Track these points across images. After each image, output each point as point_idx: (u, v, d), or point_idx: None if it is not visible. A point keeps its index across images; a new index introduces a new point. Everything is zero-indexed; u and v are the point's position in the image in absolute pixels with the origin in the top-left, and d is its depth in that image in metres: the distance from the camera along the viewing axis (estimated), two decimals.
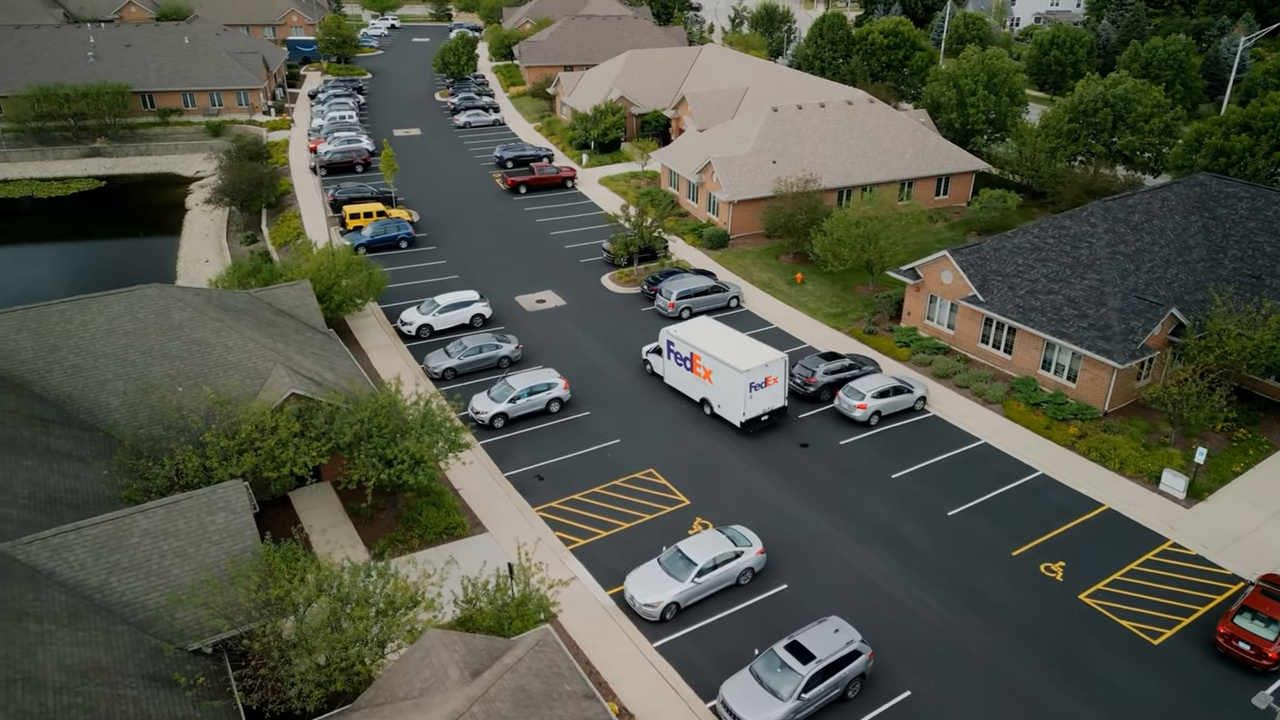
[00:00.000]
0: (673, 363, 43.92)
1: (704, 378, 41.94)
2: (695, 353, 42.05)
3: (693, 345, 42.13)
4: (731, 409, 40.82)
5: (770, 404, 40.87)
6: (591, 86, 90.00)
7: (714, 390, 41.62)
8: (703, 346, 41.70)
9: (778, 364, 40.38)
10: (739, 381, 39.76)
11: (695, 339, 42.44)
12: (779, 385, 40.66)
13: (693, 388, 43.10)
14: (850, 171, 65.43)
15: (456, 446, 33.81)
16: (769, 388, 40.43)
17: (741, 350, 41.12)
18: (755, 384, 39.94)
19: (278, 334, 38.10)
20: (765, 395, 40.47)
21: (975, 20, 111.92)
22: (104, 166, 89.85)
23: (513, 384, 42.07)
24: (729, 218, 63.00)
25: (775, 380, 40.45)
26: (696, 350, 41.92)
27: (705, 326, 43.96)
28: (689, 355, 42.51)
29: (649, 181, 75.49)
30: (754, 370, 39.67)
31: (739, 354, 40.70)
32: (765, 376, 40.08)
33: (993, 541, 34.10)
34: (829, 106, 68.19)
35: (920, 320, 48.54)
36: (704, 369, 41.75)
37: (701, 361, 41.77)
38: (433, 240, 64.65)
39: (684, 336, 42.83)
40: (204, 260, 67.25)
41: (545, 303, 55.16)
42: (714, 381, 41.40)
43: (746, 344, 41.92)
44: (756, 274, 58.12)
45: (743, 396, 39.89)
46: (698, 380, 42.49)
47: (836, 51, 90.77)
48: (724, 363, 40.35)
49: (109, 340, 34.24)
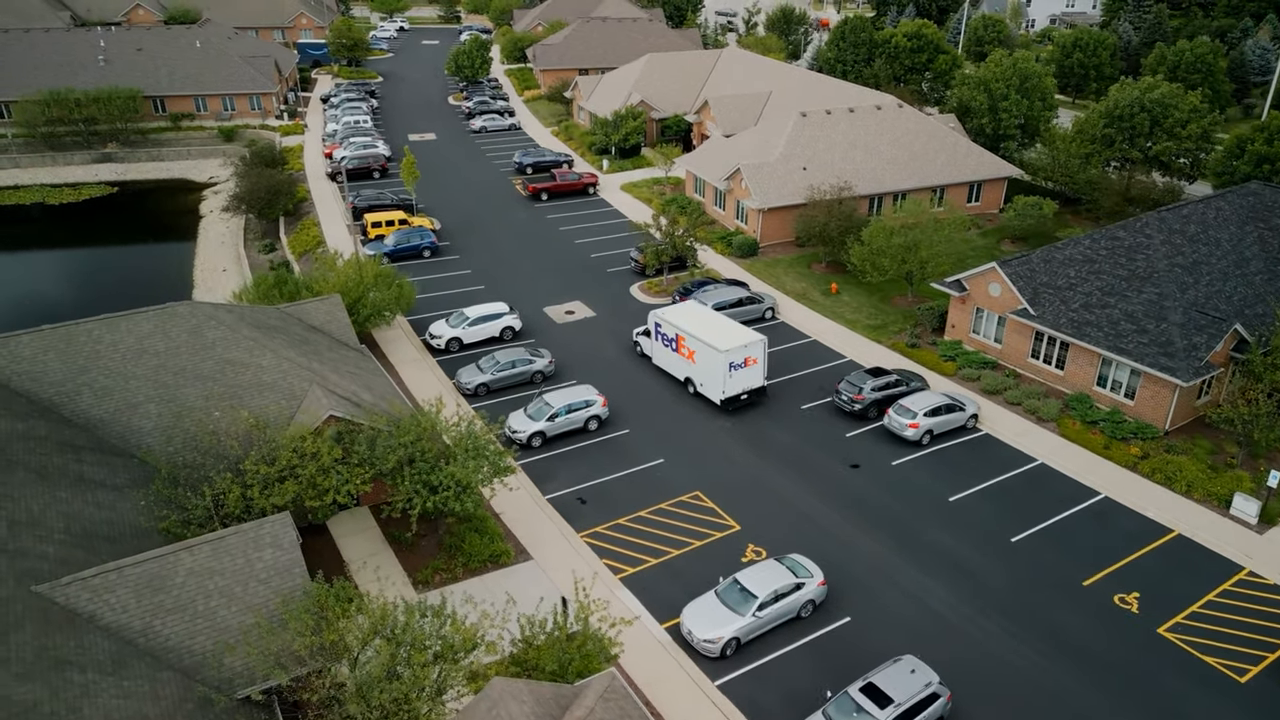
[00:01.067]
0: (660, 344, 45.91)
1: (688, 358, 43.97)
2: (680, 334, 43.97)
3: (678, 327, 44.06)
4: (712, 387, 42.84)
5: (749, 383, 42.79)
6: (610, 90, 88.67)
7: (697, 370, 43.64)
8: (687, 328, 43.66)
9: (757, 346, 42.30)
10: (719, 361, 41.75)
11: (680, 321, 44.40)
12: (758, 366, 42.67)
13: (678, 368, 45.04)
14: (881, 178, 64.05)
15: (501, 471, 32.46)
16: (748, 368, 42.39)
17: (723, 332, 43.15)
18: (735, 364, 41.91)
19: (311, 352, 36.76)
20: (745, 375, 42.46)
21: (995, 22, 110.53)
22: (115, 172, 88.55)
23: (550, 402, 40.70)
24: (758, 226, 61.64)
25: (755, 361, 42.44)
26: (681, 332, 43.83)
27: (691, 310, 45.88)
28: (674, 337, 44.44)
29: (672, 188, 74.13)
30: (733, 350, 41.60)
31: (720, 335, 42.70)
32: (745, 357, 42.08)
33: (1062, 570, 32.71)
34: (858, 111, 66.82)
35: (965, 333, 47.16)
36: (688, 350, 43.75)
37: (686, 342, 43.74)
38: (456, 249, 63.31)
39: (670, 319, 44.85)
40: (221, 269, 65.97)
41: (574, 314, 53.82)
42: (697, 361, 43.45)
43: (728, 326, 43.97)
44: (790, 284, 56.74)
45: (723, 375, 41.95)
46: (682, 360, 44.49)
47: (859, 55, 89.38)
48: (706, 343, 42.27)
49: (140, 361, 32.89)
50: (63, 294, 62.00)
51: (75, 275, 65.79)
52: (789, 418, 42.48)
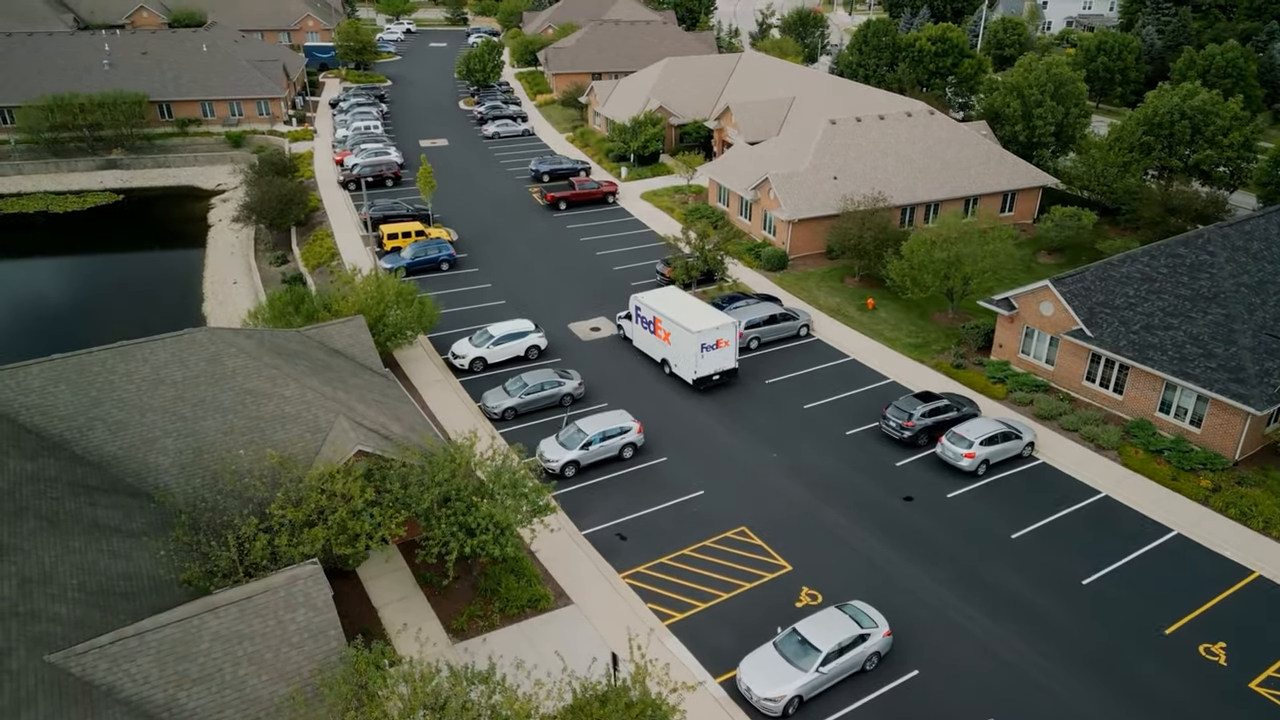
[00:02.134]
0: (639, 327, 47.77)
1: (664, 340, 45.77)
2: (657, 316, 45.79)
3: (655, 310, 45.89)
4: (685, 368, 44.53)
5: (721, 365, 44.50)
6: (627, 96, 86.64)
7: (671, 351, 45.34)
8: (663, 311, 45.46)
9: (728, 328, 44.01)
10: (692, 342, 43.45)
11: (657, 305, 46.18)
12: (730, 348, 44.35)
13: (655, 349, 46.88)
14: (914, 188, 62.02)
15: (540, 510, 30.44)
16: (720, 349, 44.12)
17: (696, 314, 44.92)
18: (707, 345, 43.64)
19: (335, 379, 34.74)
20: (716, 356, 44.18)
21: (1014, 25, 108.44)
22: (120, 179, 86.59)
23: (584, 429, 38.67)
24: (788, 237, 59.59)
25: (726, 343, 44.14)
26: (658, 314, 45.68)
27: (669, 294, 47.74)
28: (652, 319, 46.33)
29: (695, 197, 72.11)
30: (705, 332, 43.30)
31: (693, 317, 44.47)
32: (716, 339, 43.78)
33: (1140, 616, 30.66)
34: (889, 119, 64.79)
35: (1014, 354, 45.12)
36: (664, 332, 45.57)
37: (662, 325, 45.57)
38: (474, 261, 61.28)
39: (648, 302, 46.67)
40: (232, 281, 63.98)
41: (600, 331, 51.78)
42: (671, 343, 45.16)
43: (702, 309, 45.60)
44: (823, 299, 54.69)
45: (695, 356, 43.66)
46: (659, 342, 46.29)
47: (882, 59, 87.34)
48: (679, 325, 44.02)
49: (156, 392, 30.87)
50: (67, 307, 60.00)
51: (81, 287, 63.76)
52: (835, 444, 40.44)
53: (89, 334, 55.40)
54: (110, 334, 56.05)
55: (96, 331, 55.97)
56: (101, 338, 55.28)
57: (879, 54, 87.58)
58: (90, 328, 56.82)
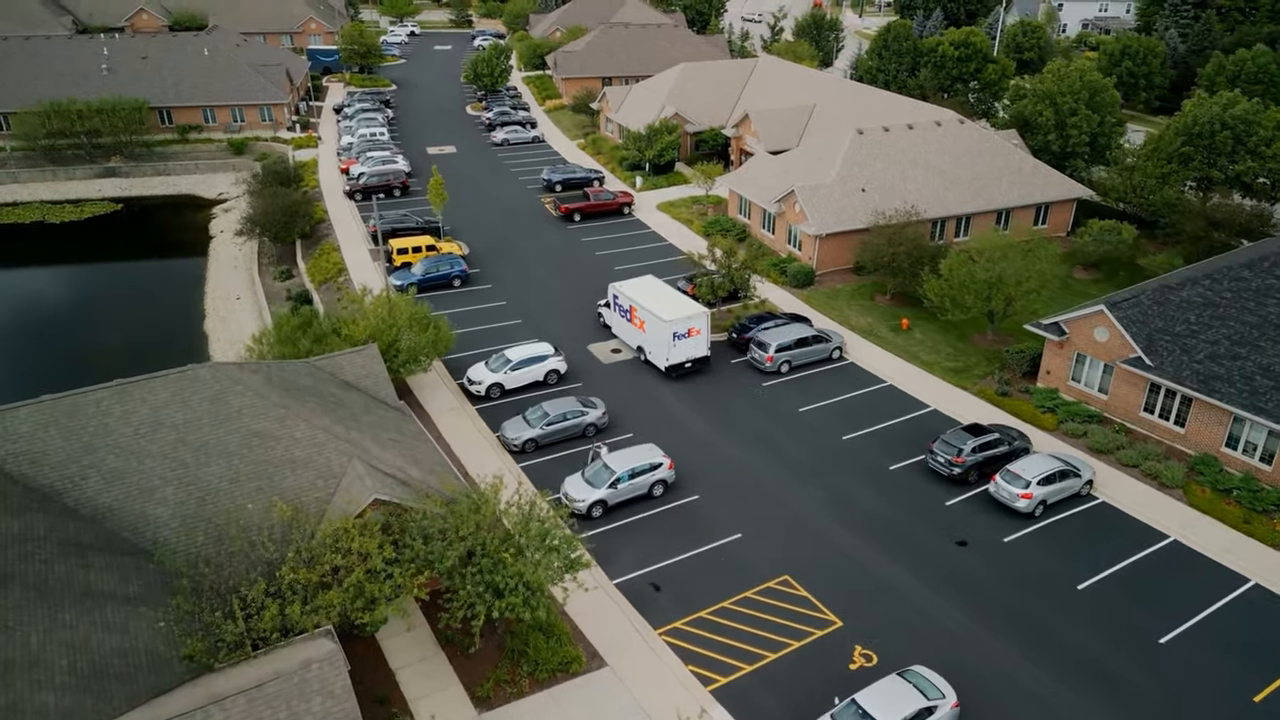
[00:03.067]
0: (617, 315, 49.01)
1: (639, 328, 46.93)
2: (633, 305, 46.89)
3: (631, 299, 47.00)
4: (658, 355, 45.72)
5: (693, 353, 45.64)
6: (640, 102, 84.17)
7: (646, 338, 46.51)
8: (638, 299, 46.56)
9: (700, 317, 45.14)
10: (664, 330, 44.56)
11: (634, 293, 47.31)
12: (702, 336, 45.45)
13: (631, 336, 48.04)
14: (945, 200, 59.55)
15: (573, 566, 27.98)
16: (692, 338, 45.21)
17: (669, 303, 46.03)
18: (679, 333, 44.74)
19: (348, 416, 32.29)
20: (688, 344, 45.29)
21: (1034, 29, 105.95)
22: (119, 188, 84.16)
23: (612, 465, 36.20)
24: (814, 252, 57.13)
25: (698, 332, 45.24)
26: (634, 303, 46.74)
27: (646, 283, 48.84)
28: (629, 307, 47.48)
29: (713, 208, 69.63)
30: (677, 321, 44.45)
31: (666, 306, 45.66)
32: (688, 327, 44.92)
33: (1226, 680, 28.19)
34: (918, 128, 62.32)
35: (1063, 381, 42.65)
36: (639, 320, 46.70)
37: (637, 313, 46.69)
38: (486, 276, 58.81)
39: (626, 291, 47.76)
40: (235, 297, 61.56)
41: (621, 353, 49.31)
42: (646, 331, 46.27)
43: (676, 299, 46.72)
44: (854, 318, 52.23)
45: (667, 344, 44.74)
46: (635, 330, 47.45)
47: (902, 64, 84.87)
48: (653, 313, 45.18)
49: (155, 436, 28.42)
50: (60, 326, 57.50)
51: (76, 304, 61.24)
52: (878, 480, 37.97)
53: (82, 358, 53.02)
54: (106, 357, 54.33)
55: (91, 355, 53.64)
56: (96, 362, 53.44)
57: (900, 59, 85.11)
58: (85, 350, 54.48)
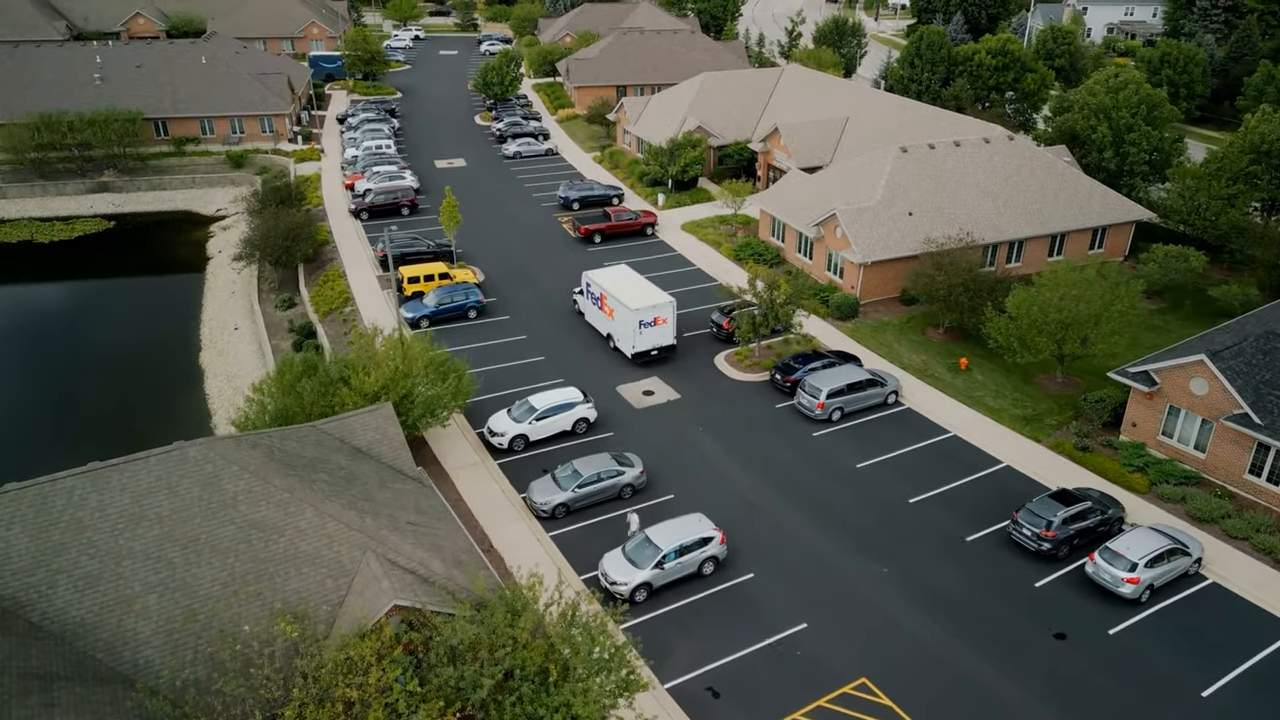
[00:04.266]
0: (589, 302, 50.00)
1: (608, 315, 47.90)
2: (603, 293, 47.79)
3: (602, 286, 47.96)
4: (625, 342, 46.79)
5: (659, 341, 46.58)
6: (661, 113, 79.99)
7: (614, 326, 47.56)
8: (608, 288, 47.48)
9: (666, 307, 46.05)
10: (630, 318, 45.52)
11: (604, 281, 48.29)
12: (668, 326, 46.37)
13: (602, 324, 49.08)
14: (998, 224, 55.37)
15: (629, 688, 23.78)
16: (658, 327, 46.12)
17: (637, 292, 46.96)
18: (644, 322, 45.64)
19: (360, 494, 28.13)
20: (654, 333, 46.21)
21: (1065, 34, 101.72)
22: (112, 204, 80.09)
23: (657, 541, 32.00)
24: (858, 281, 52.96)
25: (664, 321, 46.13)
26: (604, 291, 47.69)
27: (618, 272, 49.87)
28: (599, 295, 48.38)
29: (742, 229, 65.47)
30: (643, 310, 45.41)
31: (633, 295, 46.49)
32: (654, 316, 45.79)
33: None
34: (965, 145, 58.12)
35: (1151, 435, 38.45)
36: (609, 308, 47.54)
37: (607, 301, 47.53)
38: (504, 305, 54.63)
39: (597, 279, 48.78)
40: (233, 327, 57.45)
41: (654, 395, 45.18)
42: (614, 318, 47.25)
43: (644, 287, 47.64)
44: (906, 356, 48.04)
45: (633, 331, 45.73)
46: (604, 317, 48.44)
47: (936, 73, 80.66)
48: (620, 301, 46.03)
49: (137, 531, 24.24)
50: (43, 359, 53.34)
51: (62, 333, 57.00)
52: (955, 554, 33.78)
53: (65, 400, 48.76)
54: (91, 399, 49.78)
55: (75, 395, 49.37)
56: (80, 405, 48.95)
57: (933, 68, 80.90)
58: (68, 389, 50.27)
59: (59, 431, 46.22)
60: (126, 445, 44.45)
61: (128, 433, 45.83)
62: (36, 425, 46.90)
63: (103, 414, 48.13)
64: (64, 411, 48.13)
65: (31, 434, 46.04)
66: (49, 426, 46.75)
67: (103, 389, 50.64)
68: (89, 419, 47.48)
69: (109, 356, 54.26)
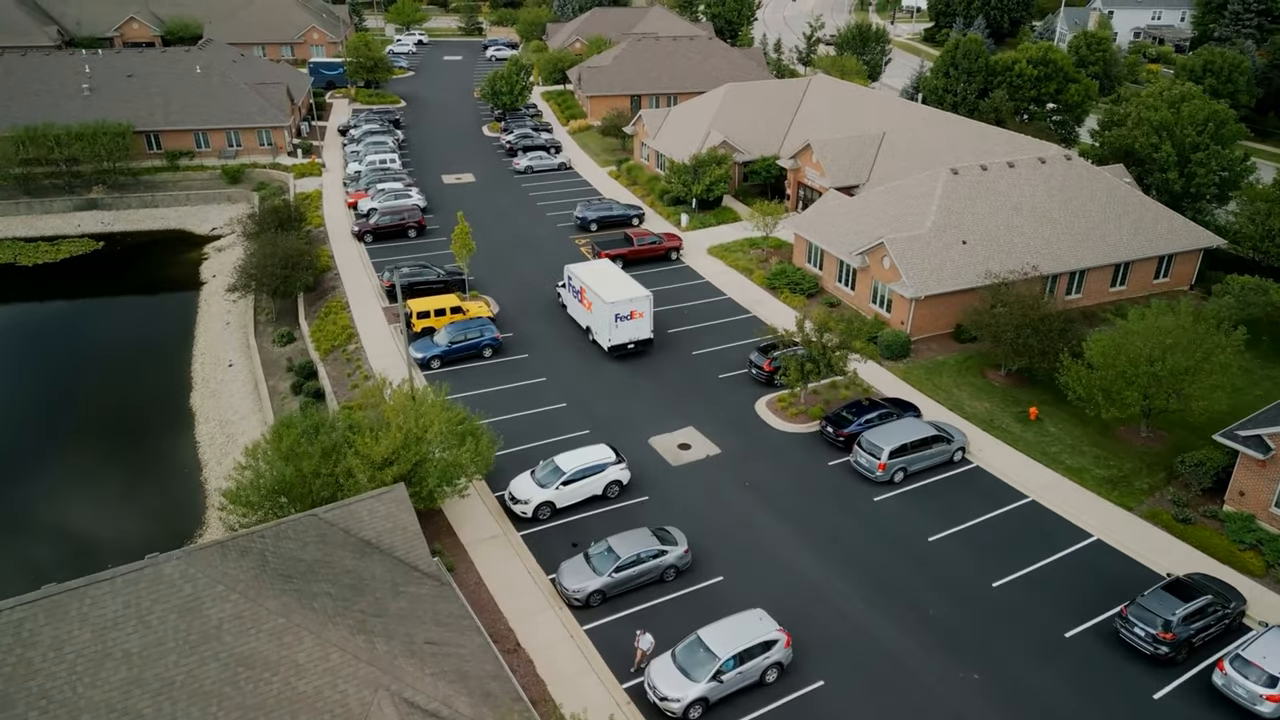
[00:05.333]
0: (571, 295, 50.71)
1: (587, 309, 48.50)
2: (583, 286, 48.48)
3: (582, 280, 48.75)
4: (601, 335, 47.36)
5: (635, 334, 47.13)
6: (681, 126, 75.55)
7: (592, 319, 48.17)
8: (587, 281, 48.27)
9: (643, 300, 46.44)
10: (606, 311, 46.09)
11: (584, 275, 49.17)
12: (644, 319, 46.91)
13: (582, 317, 49.72)
14: (1058, 252, 50.91)
15: None
16: (634, 320, 46.66)
17: (614, 285, 47.56)
18: (620, 315, 46.19)
19: (370, 607, 23.66)
20: (630, 326, 46.81)
21: (1099, 40, 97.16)
22: (101, 222, 75.72)
23: (713, 647, 27.52)
24: (908, 317, 48.52)
25: (640, 314, 46.67)
26: (584, 284, 48.42)
27: (598, 266, 50.92)
28: (579, 289, 49.14)
29: (774, 253, 61.03)
30: (619, 303, 45.91)
31: (610, 288, 47.10)
32: (630, 310, 46.29)
33: None
34: (1020, 166, 53.67)
35: (1263, 507, 33.98)
36: (588, 301, 48.19)
37: (586, 294, 48.22)
38: (520, 342, 50.14)
39: (578, 273, 49.64)
40: (227, 363, 53.10)
41: (691, 449, 40.73)
42: (593, 311, 47.79)
43: (621, 281, 48.32)
44: (968, 404, 43.56)
45: (609, 324, 46.26)
46: (584, 310, 49.04)
47: (973, 84, 76.15)
48: (597, 295, 46.62)
49: (99, 674, 19.80)
50: (20, 394, 48.88)
51: (42, 364, 52.49)
52: (1056, 657, 29.26)
53: (40, 446, 44.23)
54: (70, 447, 44.79)
55: (52, 441, 44.87)
56: (56, 455, 44.22)
57: (970, 78, 76.39)
58: (44, 432, 45.82)
59: (23, 500, 41.17)
60: (105, 518, 40.17)
61: (108, 497, 41.53)
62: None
63: (80, 468, 43.65)
64: (36, 466, 43.62)
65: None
66: (13, 494, 41.74)
67: (82, 436, 46.20)
68: (65, 475, 42.95)
69: (92, 396, 49.83)
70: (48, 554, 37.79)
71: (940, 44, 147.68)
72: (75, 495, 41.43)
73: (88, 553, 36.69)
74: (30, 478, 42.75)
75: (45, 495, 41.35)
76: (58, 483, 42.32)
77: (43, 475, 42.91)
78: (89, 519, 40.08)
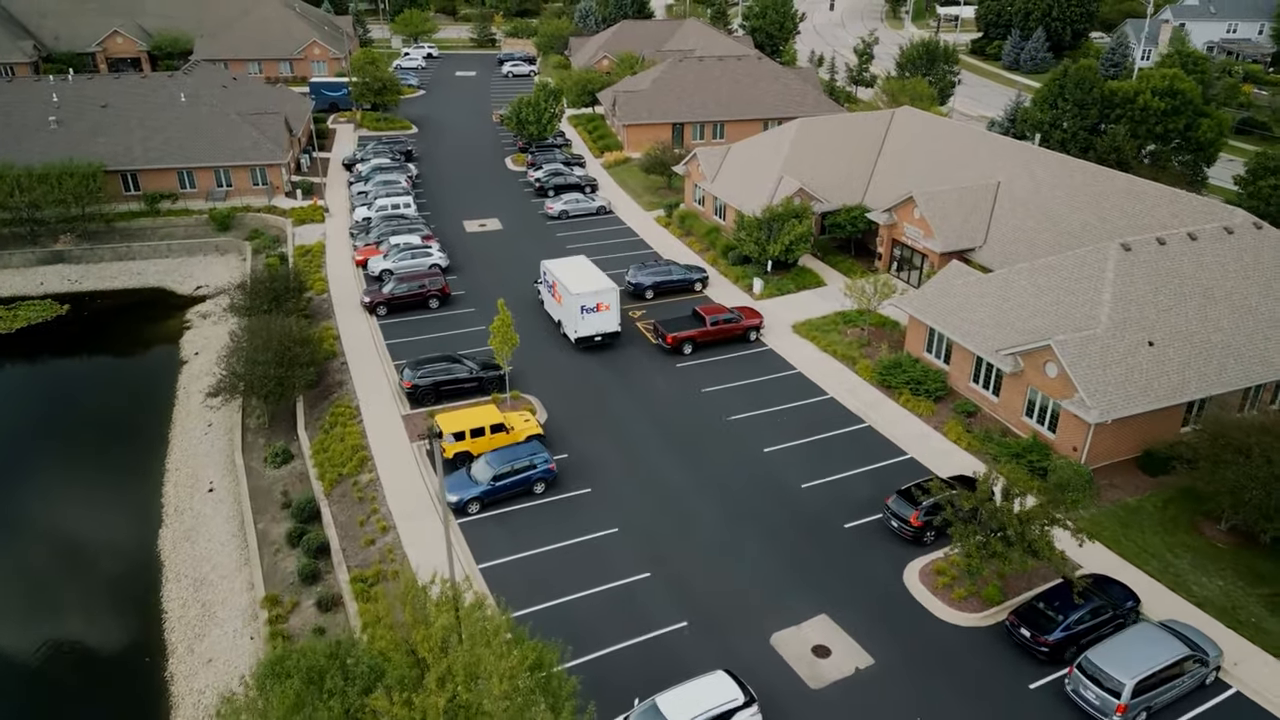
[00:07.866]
0: (546, 290, 50.90)
1: (558, 301, 48.81)
2: (555, 280, 48.86)
3: (554, 274, 48.94)
4: (569, 327, 47.88)
5: (602, 327, 47.70)
6: (745, 168, 64.53)
7: (561, 311, 48.67)
8: (559, 275, 48.42)
9: (609, 293, 47.21)
10: (573, 303, 46.73)
11: (557, 269, 49.32)
12: (611, 312, 47.49)
13: (554, 310, 50.02)
14: (1265, 354, 39.92)
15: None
16: (600, 312, 47.22)
17: (581, 278, 47.92)
18: (586, 307, 46.83)
19: None
20: (597, 319, 47.33)
21: (1196, 60, 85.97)
22: (68, 279, 64.99)
23: None
24: (1085, 443, 37.48)
25: (607, 307, 47.25)
26: (555, 279, 48.75)
27: (575, 262, 50.65)
28: (552, 283, 49.49)
29: (875, 332, 50.04)
30: (584, 295, 46.61)
31: (577, 280, 47.55)
32: (596, 302, 46.88)
33: None
34: (1203, 238, 42.67)
35: None
36: (559, 294, 48.55)
37: (557, 288, 48.66)
38: (579, 469, 39.08)
39: (552, 268, 49.80)
40: (206, 487, 42.27)
41: (831, 655, 29.72)
42: (562, 304, 48.24)
43: (590, 274, 48.52)
44: (1192, 580, 32.45)
45: (576, 316, 46.94)
46: (555, 304, 49.39)
47: (1086, 118, 65.14)
48: (565, 288, 47.18)
49: None
50: None
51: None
52: None
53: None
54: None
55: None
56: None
57: (1082, 110, 65.35)
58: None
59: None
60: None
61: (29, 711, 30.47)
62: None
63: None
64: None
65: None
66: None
67: (6, 598, 35.28)
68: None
69: (33, 529, 39.00)
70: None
71: (990, 57, 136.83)
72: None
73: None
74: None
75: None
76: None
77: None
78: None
